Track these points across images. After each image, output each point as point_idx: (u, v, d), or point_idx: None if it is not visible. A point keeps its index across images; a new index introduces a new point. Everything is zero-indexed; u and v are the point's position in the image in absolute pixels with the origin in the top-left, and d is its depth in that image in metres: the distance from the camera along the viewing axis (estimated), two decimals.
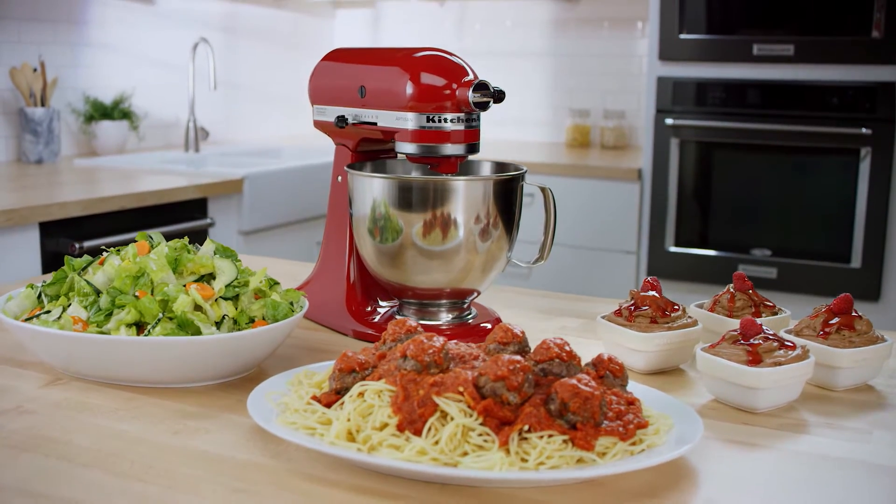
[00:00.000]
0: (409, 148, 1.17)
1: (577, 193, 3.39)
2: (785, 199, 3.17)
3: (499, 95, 1.15)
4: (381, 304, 1.29)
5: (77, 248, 2.37)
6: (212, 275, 1.08)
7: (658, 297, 1.10)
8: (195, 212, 2.80)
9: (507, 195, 1.17)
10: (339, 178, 1.30)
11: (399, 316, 1.23)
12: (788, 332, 1.08)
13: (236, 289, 1.06)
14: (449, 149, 1.16)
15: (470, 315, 1.24)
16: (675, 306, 1.10)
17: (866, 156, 3.00)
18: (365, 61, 1.24)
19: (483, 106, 1.14)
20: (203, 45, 3.55)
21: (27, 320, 1.04)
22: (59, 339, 0.99)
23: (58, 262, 2.37)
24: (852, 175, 3.04)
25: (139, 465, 0.83)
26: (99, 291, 1.05)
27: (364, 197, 1.17)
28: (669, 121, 3.23)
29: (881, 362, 1.04)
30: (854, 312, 1.06)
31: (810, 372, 0.97)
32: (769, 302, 1.17)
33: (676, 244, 3.32)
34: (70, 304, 1.05)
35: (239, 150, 3.65)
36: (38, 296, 1.11)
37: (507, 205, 1.17)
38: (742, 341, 0.98)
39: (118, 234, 2.49)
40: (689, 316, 1.11)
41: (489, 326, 1.22)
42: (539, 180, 3.32)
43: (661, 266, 3.31)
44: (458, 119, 1.15)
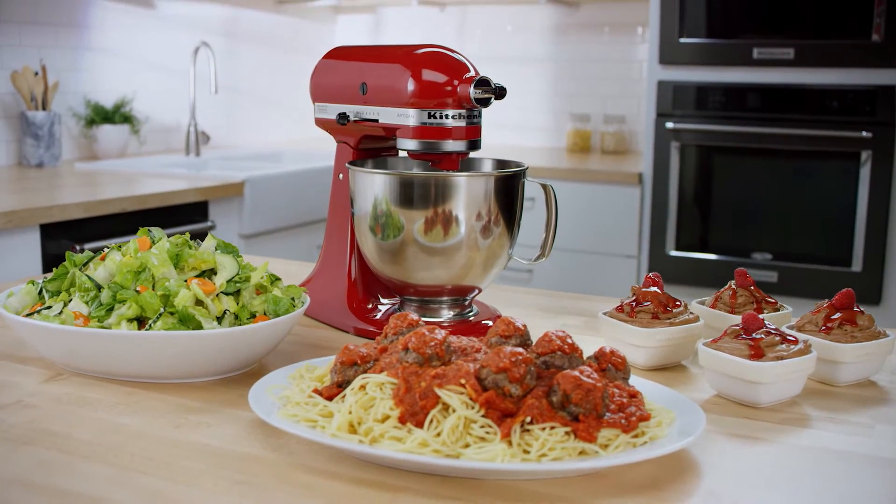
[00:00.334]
0: (410, 144, 1.17)
1: (578, 197, 3.39)
2: (785, 202, 3.17)
3: (500, 92, 1.15)
4: (383, 301, 1.29)
5: (78, 250, 2.37)
6: (213, 270, 1.08)
7: (660, 292, 1.10)
8: (196, 215, 2.80)
9: (508, 192, 1.17)
10: (341, 175, 1.29)
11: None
12: (790, 328, 1.07)
13: (237, 284, 1.06)
14: (450, 145, 1.16)
15: (471, 312, 1.24)
16: (677, 302, 1.10)
17: (867, 159, 3.00)
18: (366, 58, 1.23)
19: (484, 102, 1.14)
20: (204, 50, 3.55)
21: (28, 316, 1.04)
22: (59, 334, 0.99)
23: (58, 264, 2.36)
24: (853, 178, 3.04)
25: (140, 458, 0.82)
26: (100, 286, 1.04)
27: (365, 194, 1.17)
28: (670, 124, 3.24)
29: (883, 357, 1.04)
30: (856, 308, 1.05)
31: (812, 366, 0.97)
32: (771, 298, 1.17)
33: (677, 248, 3.31)
34: (71, 300, 1.05)
35: (240, 154, 3.65)
36: (39, 292, 1.11)
37: (509, 202, 1.17)
38: (744, 336, 0.97)
39: (119, 237, 2.49)
40: (691, 312, 1.11)
41: (490, 324, 1.22)
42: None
43: (661, 270, 3.30)
44: (460, 115, 1.15)
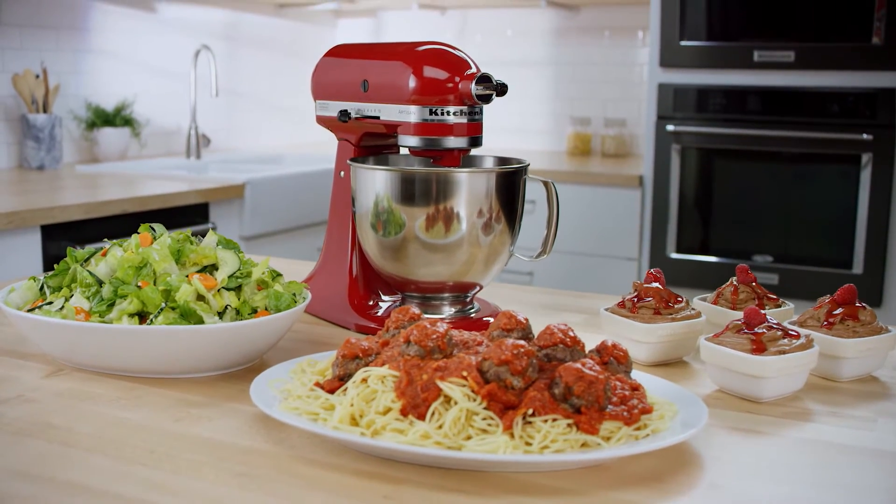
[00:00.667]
0: (411, 141, 1.17)
1: (579, 200, 3.39)
2: (786, 204, 3.17)
3: (501, 88, 1.15)
4: (384, 298, 1.29)
5: None
6: (214, 266, 1.08)
7: (661, 288, 1.10)
8: (196, 216, 2.80)
9: (509, 188, 1.17)
10: (342, 173, 1.29)
11: None
12: (792, 324, 1.07)
13: (239, 279, 1.06)
14: (451, 142, 1.16)
15: (473, 309, 1.24)
16: (679, 298, 1.10)
17: (867, 162, 3.00)
18: (367, 56, 1.24)
19: (486, 99, 1.14)
20: (205, 53, 3.56)
21: (29, 311, 1.04)
22: (61, 329, 0.99)
23: None
24: (853, 181, 3.04)
25: (141, 451, 0.82)
26: (101, 282, 1.04)
27: (367, 190, 1.17)
28: (670, 127, 3.24)
29: (885, 353, 1.04)
30: (858, 303, 1.05)
31: (815, 361, 0.97)
32: (772, 294, 1.16)
33: (678, 250, 3.31)
34: (72, 295, 1.05)
35: (240, 157, 3.65)
36: (41, 287, 1.11)
37: (510, 198, 1.17)
38: (746, 330, 0.97)
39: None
40: (693, 308, 1.11)
41: (492, 321, 1.22)
42: (540, 186, 3.32)
43: (662, 272, 3.30)
44: (461, 112, 1.15)
